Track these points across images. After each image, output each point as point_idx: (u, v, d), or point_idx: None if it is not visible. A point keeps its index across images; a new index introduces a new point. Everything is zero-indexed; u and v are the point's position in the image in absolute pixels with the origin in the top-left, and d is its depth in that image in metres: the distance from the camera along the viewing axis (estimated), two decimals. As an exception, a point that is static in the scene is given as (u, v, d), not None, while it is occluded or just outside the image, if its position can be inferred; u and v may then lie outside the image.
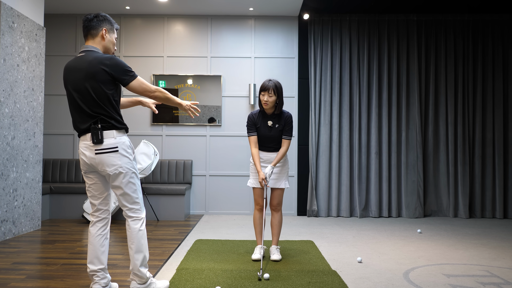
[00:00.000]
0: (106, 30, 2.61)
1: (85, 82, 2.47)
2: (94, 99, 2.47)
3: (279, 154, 3.57)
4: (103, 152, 2.48)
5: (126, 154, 2.53)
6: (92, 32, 2.58)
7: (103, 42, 2.60)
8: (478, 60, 6.23)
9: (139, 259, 2.58)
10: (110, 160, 2.49)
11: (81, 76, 2.48)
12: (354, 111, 6.18)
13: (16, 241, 4.27)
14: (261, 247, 3.64)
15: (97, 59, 2.48)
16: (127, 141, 2.57)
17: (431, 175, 6.21)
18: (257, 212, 3.68)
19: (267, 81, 3.57)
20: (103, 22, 2.60)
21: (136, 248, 2.58)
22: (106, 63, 2.46)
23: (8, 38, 4.34)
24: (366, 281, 3.05)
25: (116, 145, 2.49)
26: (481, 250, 4.07)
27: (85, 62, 2.49)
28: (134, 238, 2.58)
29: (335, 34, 6.24)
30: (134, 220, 2.59)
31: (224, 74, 6.31)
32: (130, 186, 2.55)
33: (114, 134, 2.51)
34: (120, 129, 2.54)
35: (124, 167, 2.51)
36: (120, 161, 2.50)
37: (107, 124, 2.49)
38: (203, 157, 6.27)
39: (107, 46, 2.63)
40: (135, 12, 6.24)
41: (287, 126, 3.61)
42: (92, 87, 2.46)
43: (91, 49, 2.56)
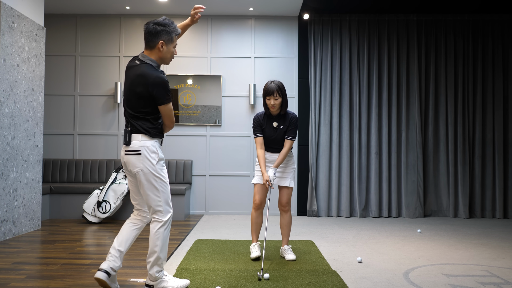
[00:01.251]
0: (164, 42, 2.67)
1: (129, 90, 2.67)
2: (132, 106, 2.66)
3: (280, 155, 3.55)
4: (129, 154, 2.67)
5: (149, 158, 2.64)
6: (150, 44, 2.68)
7: (159, 54, 2.69)
8: (478, 60, 6.23)
9: (151, 258, 2.68)
10: (133, 161, 2.65)
11: (127, 84, 2.69)
12: (354, 111, 6.18)
13: (16, 241, 4.27)
14: (255, 244, 3.65)
15: (143, 76, 2.60)
16: (152, 146, 2.66)
17: (431, 175, 6.21)
18: (253, 211, 3.67)
19: (269, 84, 3.52)
20: (161, 34, 2.65)
21: (151, 248, 2.69)
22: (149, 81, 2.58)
23: (8, 38, 4.34)
24: (366, 281, 3.05)
25: (140, 148, 2.64)
26: (481, 250, 4.07)
27: (134, 74, 2.65)
28: (151, 238, 2.69)
29: (335, 34, 6.24)
30: (153, 222, 2.70)
31: (224, 74, 6.31)
32: (151, 188, 2.65)
33: (140, 138, 2.65)
34: (146, 134, 2.66)
35: (145, 170, 2.63)
36: (142, 163, 2.64)
37: (135, 128, 2.66)
38: (203, 157, 6.27)
39: (164, 57, 2.72)
40: (135, 12, 6.24)
41: (291, 126, 3.59)
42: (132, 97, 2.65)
43: (145, 61, 2.66)
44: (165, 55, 2.71)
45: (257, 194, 3.64)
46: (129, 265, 3.42)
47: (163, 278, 2.75)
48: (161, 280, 2.73)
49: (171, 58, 2.77)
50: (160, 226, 2.68)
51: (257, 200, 3.63)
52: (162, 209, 2.69)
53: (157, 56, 2.69)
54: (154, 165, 2.65)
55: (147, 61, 2.66)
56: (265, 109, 3.63)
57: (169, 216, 2.72)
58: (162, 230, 2.68)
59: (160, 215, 2.69)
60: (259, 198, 3.63)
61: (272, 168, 3.51)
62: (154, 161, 2.65)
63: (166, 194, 2.70)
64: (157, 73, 2.62)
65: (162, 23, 2.65)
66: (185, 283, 2.83)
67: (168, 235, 2.75)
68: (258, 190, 3.64)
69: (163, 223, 2.69)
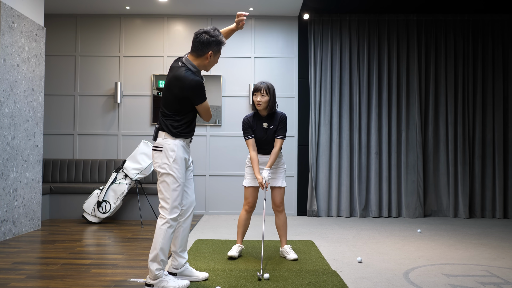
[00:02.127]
0: (212, 53, 2.79)
1: (166, 90, 2.81)
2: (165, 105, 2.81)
3: (272, 155, 3.57)
4: (154, 149, 2.83)
5: (167, 156, 2.76)
6: (198, 53, 2.79)
7: (205, 62, 2.81)
8: (478, 60, 6.23)
9: (152, 253, 2.75)
10: (155, 156, 2.81)
11: (166, 84, 2.84)
12: (354, 111, 6.18)
13: (16, 241, 4.27)
14: (238, 246, 3.69)
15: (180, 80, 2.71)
16: (173, 144, 2.78)
17: (431, 175, 6.21)
18: (244, 213, 3.68)
19: (259, 82, 3.62)
20: (212, 44, 2.77)
21: (153, 243, 2.76)
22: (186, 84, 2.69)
23: (8, 38, 4.34)
24: (366, 281, 3.05)
25: (161, 145, 2.79)
26: (481, 250, 4.07)
27: (173, 76, 2.77)
28: (155, 232, 2.77)
29: (335, 34, 6.24)
30: (160, 218, 2.78)
31: (224, 74, 6.31)
32: (164, 185, 2.77)
33: (163, 136, 2.80)
34: (168, 133, 2.79)
35: (162, 166, 2.77)
36: (161, 160, 2.78)
37: (161, 126, 2.82)
38: (203, 157, 6.27)
39: (208, 65, 2.85)
40: (135, 12, 6.24)
41: (281, 125, 3.61)
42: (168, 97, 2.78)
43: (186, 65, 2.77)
44: (211, 64, 2.85)
45: (250, 197, 3.65)
46: (129, 265, 3.42)
47: (163, 278, 2.75)
48: (161, 279, 2.75)
49: (211, 67, 2.91)
50: (163, 223, 2.74)
51: (250, 202, 3.65)
52: (168, 207, 2.75)
53: (202, 64, 2.82)
54: (170, 163, 2.75)
55: (188, 66, 2.78)
56: (253, 109, 3.67)
57: (174, 215, 2.77)
58: (165, 228, 2.73)
59: (165, 212, 2.76)
60: (252, 201, 3.66)
61: (265, 169, 3.53)
62: (171, 159, 2.75)
63: (176, 194, 2.77)
64: (194, 76, 2.74)
65: (213, 34, 2.77)
66: (185, 284, 2.83)
67: (171, 235, 2.77)
68: (251, 193, 3.66)
69: (167, 220, 2.74)
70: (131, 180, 5.30)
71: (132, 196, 5.57)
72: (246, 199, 3.67)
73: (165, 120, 2.81)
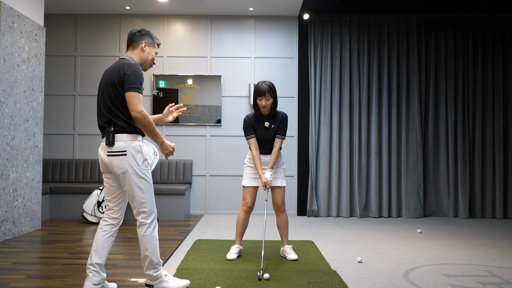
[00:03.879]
0: (147, 43, 2.76)
1: (106, 85, 2.63)
2: (111, 102, 2.60)
3: (273, 155, 3.57)
4: (112, 155, 2.60)
5: (135, 158, 2.61)
6: (133, 44, 2.75)
7: (141, 54, 2.75)
8: (478, 60, 6.23)
9: (145, 262, 2.68)
10: (118, 162, 2.60)
11: (105, 79, 2.66)
12: (354, 111, 6.18)
13: (16, 241, 4.27)
14: (237, 247, 3.69)
15: (121, 64, 2.62)
16: (138, 145, 2.64)
17: (431, 175, 6.21)
18: (242, 213, 3.67)
19: (261, 84, 3.54)
20: (145, 36, 2.77)
21: (142, 253, 2.67)
22: (125, 68, 2.58)
23: (8, 38, 4.34)
24: (366, 281, 3.05)
25: (125, 149, 2.60)
26: (481, 250, 4.07)
27: (112, 67, 2.67)
28: (141, 242, 2.67)
29: (335, 34, 6.24)
30: (140, 226, 2.66)
31: (224, 74, 6.31)
32: (136, 189, 2.62)
33: (125, 138, 2.61)
34: (132, 133, 2.63)
35: (130, 170, 2.60)
36: (128, 164, 2.59)
37: (119, 128, 2.60)
38: (203, 157, 6.27)
39: (145, 58, 2.77)
40: (135, 12, 6.24)
41: (282, 125, 3.61)
42: (110, 91, 2.61)
43: (124, 57, 2.71)
44: (147, 56, 2.77)
45: (249, 197, 3.64)
46: (129, 265, 3.42)
47: (163, 278, 2.74)
48: (161, 280, 2.73)
49: (150, 63, 2.82)
50: (146, 229, 2.65)
51: (249, 203, 3.64)
52: (147, 210, 2.64)
53: (139, 57, 2.75)
54: (140, 166, 2.62)
55: (126, 57, 2.70)
56: (255, 110, 3.64)
57: (153, 216, 2.68)
58: (150, 232, 2.65)
59: (144, 217, 2.65)
60: (251, 201, 3.64)
61: (267, 170, 3.54)
62: (140, 161, 2.62)
63: (150, 195, 2.67)
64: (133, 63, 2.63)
65: (146, 30, 2.79)
66: (185, 283, 2.83)
67: (156, 236, 2.70)
68: (250, 193, 3.65)
69: (148, 225, 2.65)
70: (131, 180, 5.29)
71: (132, 196, 5.56)
72: (244, 199, 3.66)
73: (119, 120, 2.60)
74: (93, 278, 2.64)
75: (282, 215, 3.69)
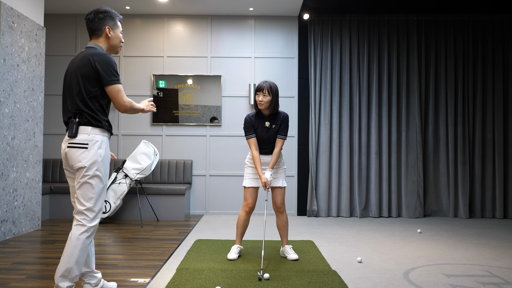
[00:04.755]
0: (110, 28, 2.56)
1: (73, 75, 2.45)
2: (78, 93, 2.42)
3: (274, 155, 3.58)
4: (72, 146, 2.41)
5: (96, 154, 2.41)
6: (96, 33, 2.56)
7: (108, 40, 2.58)
8: (478, 60, 6.23)
9: (63, 267, 2.35)
10: (76, 155, 2.40)
11: (72, 70, 2.48)
12: (354, 111, 6.18)
13: (16, 241, 4.27)
14: (237, 247, 3.70)
15: (90, 54, 2.44)
16: (102, 141, 2.45)
17: (431, 175, 6.22)
18: (243, 214, 3.67)
19: (262, 82, 3.60)
20: (105, 19, 2.55)
21: (65, 256, 2.36)
22: (95, 58, 2.42)
23: (8, 38, 4.34)
24: (366, 281, 3.05)
25: (87, 142, 2.40)
26: (481, 250, 4.07)
27: (79, 57, 2.48)
28: (69, 243, 2.37)
29: (335, 34, 6.24)
30: (77, 225, 2.39)
31: (224, 74, 6.31)
32: (88, 187, 2.40)
33: (89, 131, 2.42)
34: (96, 127, 2.44)
35: (88, 166, 2.39)
36: (86, 159, 2.39)
37: (83, 120, 2.42)
38: (203, 157, 6.27)
39: (113, 44, 2.60)
40: (135, 12, 6.24)
41: (283, 125, 3.62)
42: (77, 81, 2.43)
43: (91, 46, 2.53)
44: (114, 41, 2.59)
45: (250, 198, 3.64)
46: (129, 265, 3.42)
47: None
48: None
49: (120, 45, 2.64)
50: (82, 232, 2.37)
51: (251, 203, 3.64)
52: (91, 214, 2.40)
53: (106, 44, 2.57)
54: (98, 163, 2.41)
55: (93, 46, 2.53)
56: (255, 108, 3.65)
57: (96, 223, 2.43)
58: (84, 238, 2.37)
59: (86, 219, 2.39)
60: (252, 201, 3.65)
61: (268, 170, 3.54)
62: (100, 158, 2.42)
63: (101, 198, 2.45)
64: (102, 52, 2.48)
65: (102, 10, 2.56)
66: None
67: (88, 246, 2.43)
68: (251, 193, 3.65)
69: (87, 229, 2.38)
70: (131, 180, 5.30)
71: (132, 196, 5.57)
72: (245, 200, 3.66)
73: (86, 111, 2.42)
74: (91, 282, 2.57)
75: (282, 216, 3.69)
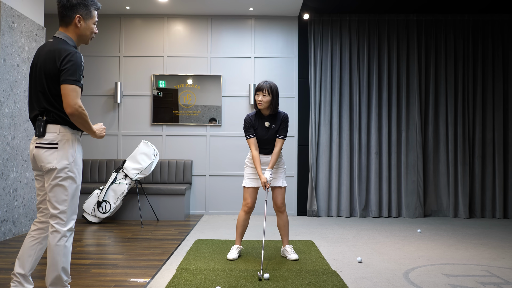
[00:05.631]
0: (81, 17, 2.35)
1: (39, 71, 2.32)
2: (43, 91, 2.30)
3: (274, 155, 3.59)
4: (41, 147, 2.28)
5: (67, 154, 2.29)
6: (65, 20, 2.36)
7: (77, 31, 2.38)
8: (478, 60, 6.23)
9: (50, 276, 2.29)
10: (45, 155, 2.28)
11: (38, 64, 2.33)
12: (354, 111, 6.18)
13: (16, 241, 4.27)
14: (237, 247, 3.70)
15: (57, 50, 2.27)
16: (72, 140, 2.33)
17: (431, 175, 6.21)
18: (243, 214, 3.68)
19: (262, 82, 3.61)
20: (77, 7, 2.34)
21: (50, 265, 2.28)
22: (62, 56, 2.25)
23: (8, 38, 4.34)
24: (366, 281, 3.05)
25: (57, 141, 2.28)
26: (481, 250, 4.07)
27: (45, 50, 2.32)
28: (49, 251, 2.29)
29: (335, 34, 6.24)
30: (52, 233, 2.29)
31: (224, 74, 6.31)
32: (59, 190, 2.28)
33: (58, 130, 2.29)
34: (66, 125, 2.31)
35: (59, 168, 2.27)
36: (56, 159, 2.27)
37: (51, 118, 2.29)
38: (203, 157, 6.27)
39: (82, 34, 2.40)
40: (135, 12, 6.24)
41: (283, 125, 3.63)
42: (42, 79, 2.30)
43: (60, 37, 2.36)
44: (84, 32, 2.39)
45: (249, 198, 3.65)
46: (129, 265, 3.42)
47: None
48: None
49: (90, 36, 2.44)
50: (60, 238, 2.27)
51: (250, 203, 3.65)
52: (65, 217, 2.29)
53: (74, 34, 2.37)
54: (70, 163, 2.29)
55: (61, 37, 2.35)
56: (255, 108, 3.66)
57: (70, 226, 2.32)
58: (63, 243, 2.28)
59: (60, 224, 2.28)
60: (252, 201, 3.65)
61: (268, 170, 3.55)
62: (71, 158, 2.30)
63: (74, 200, 2.34)
64: (72, 48, 2.30)
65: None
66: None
67: (71, 248, 2.34)
68: (251, 193, 3.66)
69: (63, 234, 2.28)
70: (131, 180, 5.30)
71: (132, 196, 5.57)
72: (245, 199, 3.66)
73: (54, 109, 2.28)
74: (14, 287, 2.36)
75: (282, 215, 3.69)
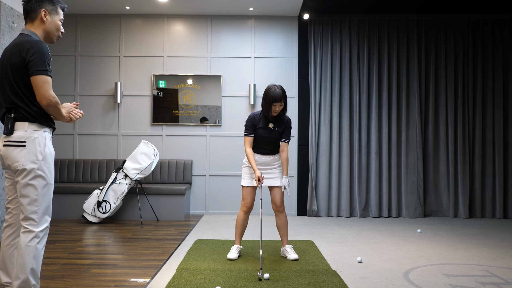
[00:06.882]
0: (46, 12, 2.33)
1: (6, 69, 2.27)
2: (10, 85, 2.24)
3: (284, 162, 3.66)
4: (9, 145, 2.23)
5: (35, 152, 2.22)
6: (30, 15, 2.32)
7: (43, 26, 2.34)
8: (478, 60, 6.23)
9: (17, 280, 2.19)
10: (13, 154, 2.22)
11: (4, 60, 2.28)
12: (354, 111, 6.18)
13: (16, 241, 4.27)
14: (237, 247, 3.71)
15: (21, 42, 2.23)
16: (41, 137, 2.26)
17: (431, 175, 6.21)
18: (242, 213, 3.69)
19: (274, 90, 3.51)
20: (43, 2, 2.32)
21: (18, 267, 2.20)
22: (25, 46, 2.20)
23: (8, 38, 4.34)
24: (366, 281, 3.05)
25: (25, 139, 2.22)
26: (481, 250, 4.07)
27: (11, 45, 2.28)
28: (19, 252, 2.20)
29: (335, 34, 6.24)
30: (24, 232, 2.21)
31: (224, 74, 6.31)
32: (30, 189, 2.22)
33: (26, 127, 2.23)
34: (34, 122, 2.25)
35: (27, 166, 2.21)
36: (25, 158, 2.21)
37: (19, 115, 2.23)
38: (203, 157, 6.27)
39: (48, 30, 2.36)
40: (135, 12, 6.24)
41: (288, 129, 3.70)
42: (10, 76, 2.24)
43: (25, 33, 2.31)
44: (50, 26, 2.35)
45: (248, 197, 3.66)
46: (129, 265, 3.42)
47: None
48: None
49: (57, 34, 2.41)
50: (31, 238, 2.19)
51: (249, 203, 3.66)
52: (37, 217, 2.22)
53: (40, 29, 2.34)
54: (39, 161, 2.22)
55: (27, 32, 2.30)
56: (266, 112, 3.59)
57: (44, 226, 2.25)
58: (35, 244, 2.20)
59: (33, 225, 2.21)
60: (250, 201, 3.66)
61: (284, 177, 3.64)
62: (41, 156, 2.23)
63: (46, 200, 2.26)
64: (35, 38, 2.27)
65: None
66: None
67: (43, 252, 2.26)
68: (249, 193, 3.66)
69: (35, 234, 2.21)
70: (131, 180, 5.30)
71: (132, 196, 5.57)
72: (244, 199, 3.67)
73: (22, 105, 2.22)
74: None
75: (281, 215, 3.70)
